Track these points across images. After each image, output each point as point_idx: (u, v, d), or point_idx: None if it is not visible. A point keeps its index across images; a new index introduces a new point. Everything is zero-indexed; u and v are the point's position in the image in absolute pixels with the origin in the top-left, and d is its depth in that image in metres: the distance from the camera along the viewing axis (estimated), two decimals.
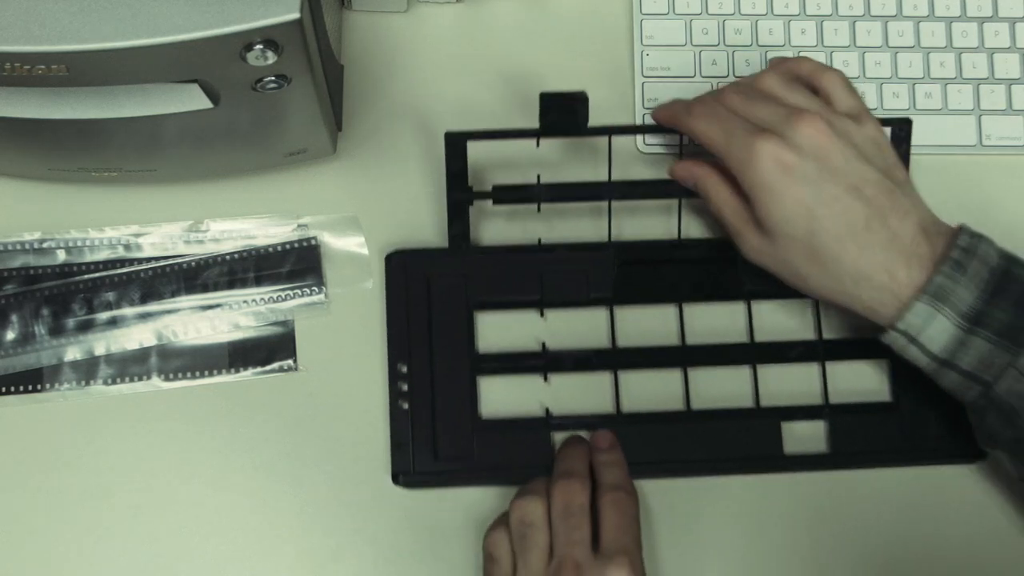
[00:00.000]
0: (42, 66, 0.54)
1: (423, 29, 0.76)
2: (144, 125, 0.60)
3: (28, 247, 0.71)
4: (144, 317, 0.70)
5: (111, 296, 0.70)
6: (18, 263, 0.71)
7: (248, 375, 0.70)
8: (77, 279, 0.70)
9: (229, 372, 0.70)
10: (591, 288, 0.71)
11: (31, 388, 0.69)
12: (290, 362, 0.71)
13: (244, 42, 0.54)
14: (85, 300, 0.70)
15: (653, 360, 0.71)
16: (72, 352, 0.69)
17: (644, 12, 0.76)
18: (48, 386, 0.69)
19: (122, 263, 0.71)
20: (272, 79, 0.58)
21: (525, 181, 0.71)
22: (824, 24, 0.77)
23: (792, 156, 0.61)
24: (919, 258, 0.61)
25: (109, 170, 0.68)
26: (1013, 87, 0.76)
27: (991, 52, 0.76)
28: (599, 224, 0.73)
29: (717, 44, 0.76)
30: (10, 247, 0.71)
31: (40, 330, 0.70)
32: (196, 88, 0.58)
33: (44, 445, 0.69)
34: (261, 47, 0.55)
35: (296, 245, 0.71)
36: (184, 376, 0.70)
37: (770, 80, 0.66)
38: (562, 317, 0.72)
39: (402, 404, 0.69)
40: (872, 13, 0.77)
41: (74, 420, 0.69)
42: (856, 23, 0.77)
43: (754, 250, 0.65)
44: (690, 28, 0.76)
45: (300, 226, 0.72)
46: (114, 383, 0.70)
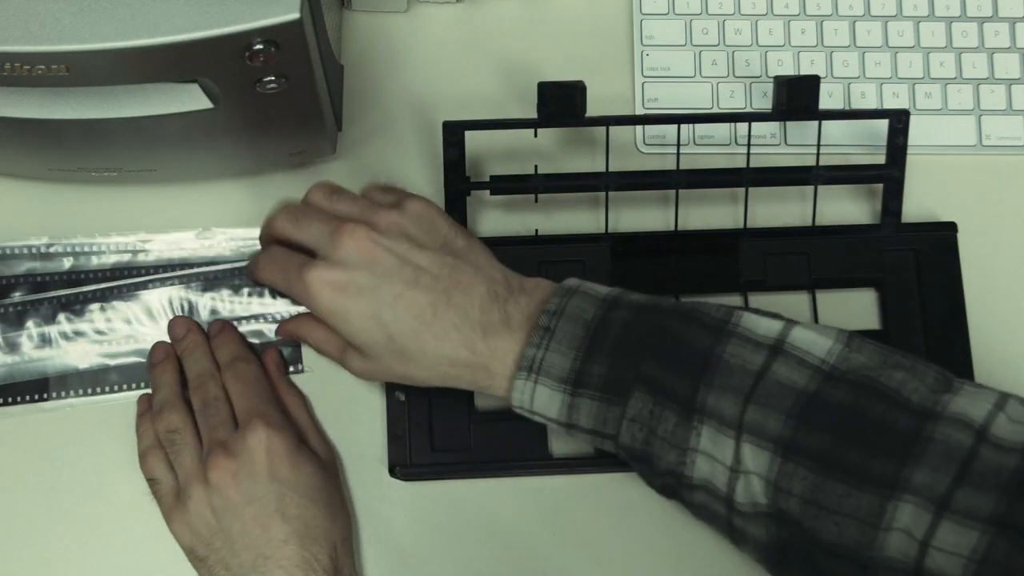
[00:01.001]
0: (42, 66, 0.54)
1: (423, 29, 0.76)
2: (144, 125, 0.60)
3: (35, 251, 0.71)
4: (152, 324, 0.71)
5: (118, 303, 0.70)
6: (24, 268, 0.71)
7: None
8: (86, 289, 0.70)
9: None
10: (588, 279, 0.71)
11: (37, 398, 0.69)
12: (298, 366, 0.71)
13: (244, 42, 0.54)
14: (91, 307, 0.70)
15: None
16: (77, 359, 0.70)
17: (644, 12, 0.77)
18: (55, 395, 0.69)
19: (129, 270, 0.71)
20: (272, 79, 0.58)
21: (523, 172, 0.71)
22: (824, 24, 0.77)
23: (341, 274, 0.60)
24: (496, 326, 0.60)
25: (109, 170, 0.68)
26: (1013, 87, 0.76)
27: (991, 52, 0.76)
28: (596, 215, 0.73)
29: (717, 44, 0.76)
30: (17, 251, 0.71)
31: (46, 337, 0.70)
32: (196, 88, 0.59)
33: (51, 452, 0.69)
34: (261, 47, 0.55)
35: None
36: None
37: (315, 195, 0.65)
38: None
39: (399, 396, 0.69)
40: (872, 13, 0.77)
41: (80, 427, 0.69)
42: (856, 23, 0.77)
43: (361, 371, 0.64)
44: (690, 28, 0.76)
45: None
46: (120, 391, 0.70)
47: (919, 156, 0.74)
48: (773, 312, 0.60)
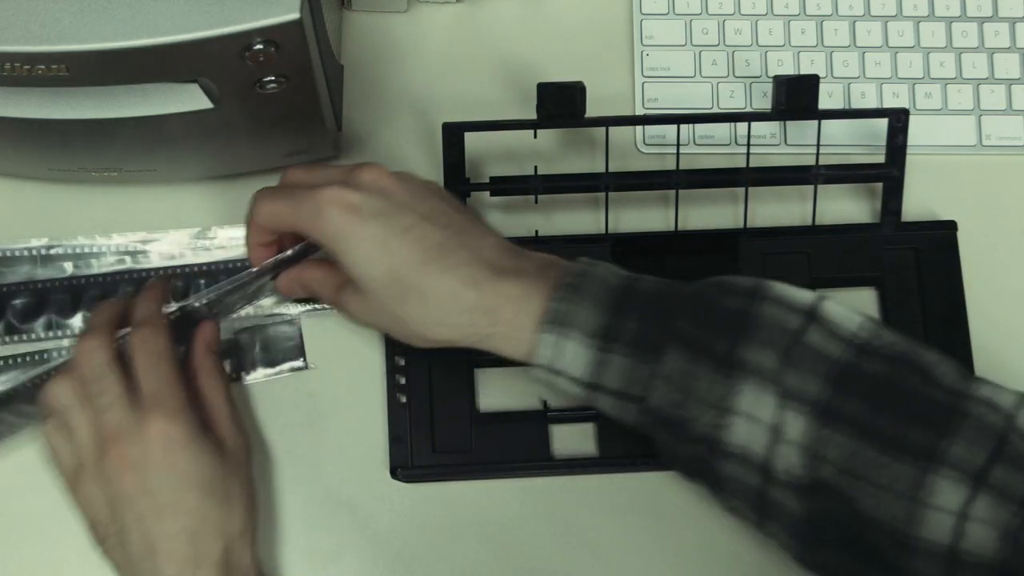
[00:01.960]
0: (42, 66, 0.54)
1: (423, 29, 0.76)
2: (144, 125, 0.60)
3: (35, 253, 0.71)
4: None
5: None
6: (24, 272, 0.70)
7: (259, 377, 0.70)
8: (87, 290, 0.70)
9: (239, 375, 0.70)
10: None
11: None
12: (300, 362, 0.71)
13: (244, 42, 0.55)
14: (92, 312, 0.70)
15: None
16: None
17: (644, 12, 0.77)
18: None
19: (130, 274, 0.71)
20: (272, 79, 0.58)
21: (522, 173, 0.71)
22: (824, 24, 0.77)
23: (356, 196, 0.59)
24: (508, 271, 0.60)
25: (109, 170, 0.68)
26: (1013, 87, 0.76)
27: (991, 52, 0.76)
28: (596, 215, 0.73)
29: (717, 44, 0.76)
30: (17, 253, 0.71)
31: (49, 339, 0.70)
32: (196, 88, 0.59)
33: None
34: (261, 47, 0.55)
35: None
36: None
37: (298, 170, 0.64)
38: None
39: (400, 398, 0.69)
40: (872, 13, 0.77)
41: None
42: (856, 23, 0.77)
43: (358, 312, 0.63)
44: (690, 28, 0.76)
45: None
46: None
47: (919, 156, 0.74)
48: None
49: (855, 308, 0.59)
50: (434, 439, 0.69)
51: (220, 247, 0.72)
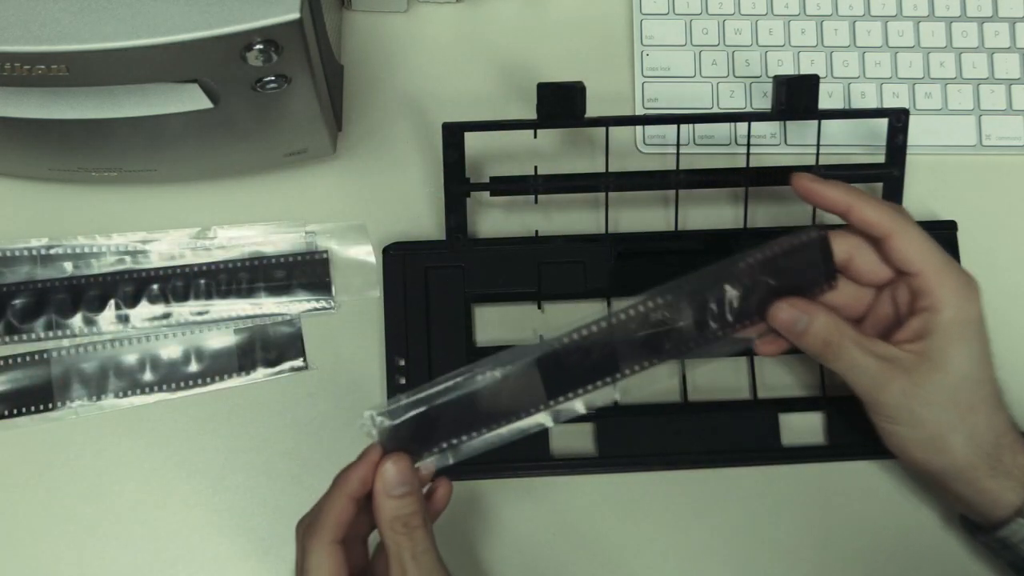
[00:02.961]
0: (42, 66, 0.54)
1: (423, 29, 0.76)
2: (144, 125, 0.60)
3: (35, 253, 0.71)
4: (152, 328, 0.70)
5: (118, 309, 0.70)
6: (24, 272, 0.70)
7: (259, 377, 0.70)
8: (87, 290, 0.70)
9: (239, 375, 0.70)
10: (588, 280, 0.71)
11: (42, 407, 0.69)
12: (300, 362, 0.71)
13: (244, 42, 0.55)
14: (92, 311, 0.70)
15: None
16: (81, 364, 0.70)
17: (644, 12, 0.77)
18: (59, 403, 0.69)
19: (130, 274, 0.71)
20: (272, 79, 0.58)
21: (522, 173, 0.71)
22: (824, 24, 0.77)
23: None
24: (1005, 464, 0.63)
25: (109, 170, 0.68)
26: (1013, 87, 0.76)
27: (991, 52, 0.76)
28: (596, 216, 0.73)
29: (717, 44, 0.76)
30: (17, 253, 0.71)
31: (49, 339, 0.70)
32: (196, 88, 0.59)
33: (59, 461, 0.69)
34: (261, 47, 0.55)
35: (306, 258, 0.71)
36: (195, 384, 0.70)
37: None
38: (559, 309, 0.72)
39: (400, 398, 0.69)
40: (872, 13, 0.77)
41: (85, 434, 0.69)
42: (856, 23, 0.77)
43: (903, 394, 0.62)
44: (690, 28, 0.76)
45: (308, 233, 0.72)
46: (124, 396, 0.70)
47: (919, 156, 0.74)
48: None
49: None
50: None
51: (220, 247, 0.72)
